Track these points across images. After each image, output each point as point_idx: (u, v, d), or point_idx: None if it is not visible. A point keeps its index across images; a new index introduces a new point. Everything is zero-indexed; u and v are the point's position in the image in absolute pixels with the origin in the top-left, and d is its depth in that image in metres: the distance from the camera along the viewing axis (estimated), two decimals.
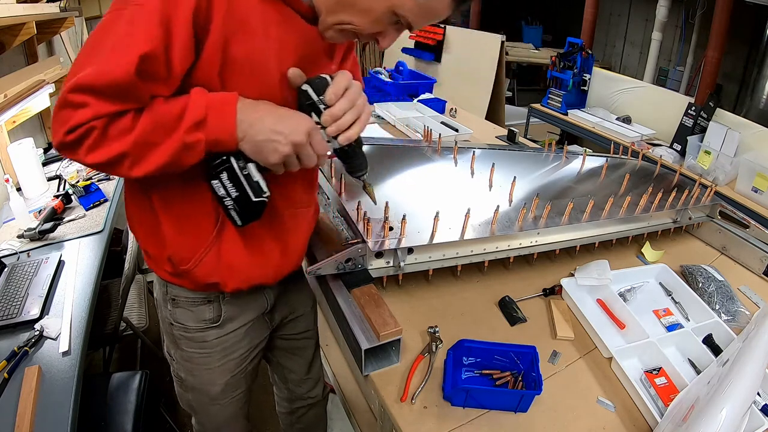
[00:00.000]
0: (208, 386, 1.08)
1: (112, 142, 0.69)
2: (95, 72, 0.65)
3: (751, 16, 3.72)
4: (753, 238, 1.34)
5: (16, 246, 1.70)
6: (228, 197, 0.76)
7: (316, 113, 0.76)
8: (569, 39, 3.34)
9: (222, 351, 1.04)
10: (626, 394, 0.93)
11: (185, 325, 0.99)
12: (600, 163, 1.65)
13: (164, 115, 0.70)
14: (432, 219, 1.07)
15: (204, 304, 0.97)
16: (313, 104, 0.76)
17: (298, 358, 1.31)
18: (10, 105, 1.89)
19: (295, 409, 1.43)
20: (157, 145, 0.70)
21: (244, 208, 0.77)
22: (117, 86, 0.66)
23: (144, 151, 0.71)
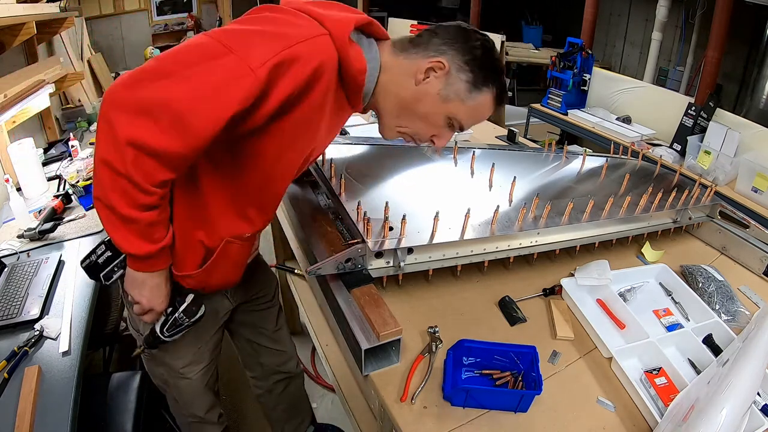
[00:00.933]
0: (175, 359, 1.18)
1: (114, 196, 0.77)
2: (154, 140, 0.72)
3: (751, 16, 3.72)
4: (753, 238, 1.33)
5: (16, 246, 1.70)
6: (95, 256, 0.96)
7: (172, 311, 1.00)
8: (569, 39, 3.34)
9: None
10: (626, 394, 0.93)
11: None
12: (600, 163, 1.65)
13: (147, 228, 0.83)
14: (432, 219, 1.07)
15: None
16: (173, 310, 1.00)
17: (263, 330, 1.42)
18: (10, 105, 1.89)
19: (273, 385, 1.51)
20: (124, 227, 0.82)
21: (91, 271, 0.96)
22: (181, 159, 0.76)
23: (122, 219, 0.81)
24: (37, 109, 2.34)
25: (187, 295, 0.99)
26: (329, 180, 1.26)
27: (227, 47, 0.71)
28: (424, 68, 0.85)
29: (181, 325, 1.00)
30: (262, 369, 1.48)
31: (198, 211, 0.91)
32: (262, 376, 1.50)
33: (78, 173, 2.23)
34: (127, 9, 5.08)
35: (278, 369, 1.49)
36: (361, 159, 1.52)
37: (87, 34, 4.21)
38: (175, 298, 0.99)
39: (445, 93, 0.86)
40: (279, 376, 1.50)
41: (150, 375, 1.26)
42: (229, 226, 0.94)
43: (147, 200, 0.77)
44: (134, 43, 5.16)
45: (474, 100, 0.88)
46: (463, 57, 0.86)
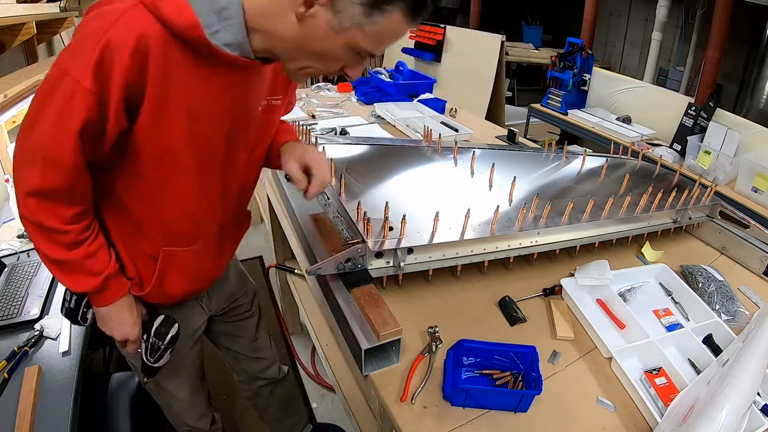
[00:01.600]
0: (162, 381, 1.17)
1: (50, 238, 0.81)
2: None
3: (751, 16, 3.72)
4: (753, 238, 1.33)
5: (16, 246, 1.70)
6: (68, 301, 0.96)
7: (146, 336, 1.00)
8: (569, 39, 3.34)
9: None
10: (626, 394, 0.93)
11: None
12: (600, 163, 1.65)
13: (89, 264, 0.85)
14: (432, 219, 1.07)
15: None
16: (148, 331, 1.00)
17: (241, 340, 1.40)
18: (10, 105, 1.89)
19: (258, 389, 1.51)
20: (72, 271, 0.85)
21: (69, 316, 0.96)
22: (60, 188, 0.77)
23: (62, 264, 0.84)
24: None
25: (156, 318, 0.99)
26: (329, 180, 1.26)
27: (63, 70, 0.69)
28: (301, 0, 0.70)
29: (160, 349, 0.99)
30: (246, 374, 1.48)
31: (131, 225, 0.91)
32: (247, 380, 1.50)
33: None
34: None
35: (260, 375, 1.48)
36: (361, 159, 1.52)
37: None
38: (148, 323, 0.99)
39: (337, 22, 0.70)
40: (262, 381, 1.50)
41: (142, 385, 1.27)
42: (164, 234, 0.93)
43: (67, 239, 0.80)
44: None
45: (376, 24, 0.71)
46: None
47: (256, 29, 0.75)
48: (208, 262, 1.06)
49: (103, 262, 0.87)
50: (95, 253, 0.85)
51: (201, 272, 1.06)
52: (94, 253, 0.85)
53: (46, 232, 0.79)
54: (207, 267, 1.07)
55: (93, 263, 0.85)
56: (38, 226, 0.78)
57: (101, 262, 0.87)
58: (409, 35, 3.98)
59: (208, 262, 1.06)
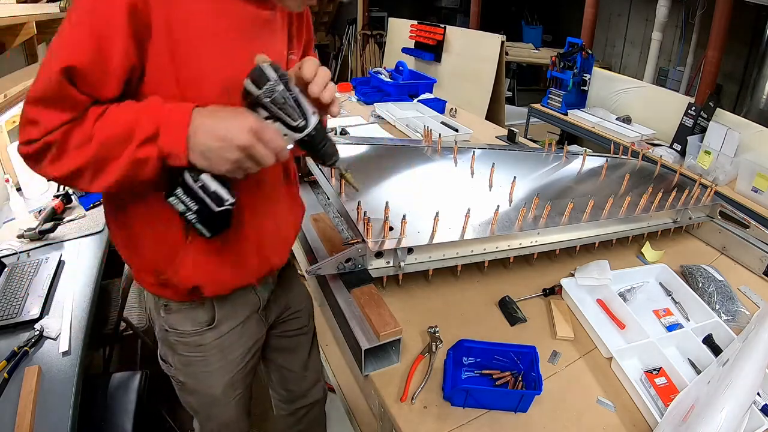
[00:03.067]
0: (208, 389, 1.08)
1: (71, 155, 0.70)
2: (38, 84, 0.69)
3: (751, 16, 3.72)
4: (753, 238, 1.33)
5: (16, 246, 1.70)
6: (189, 211, 0.73)
7: (263, 108, 0.71)
8: (569, 39, 3.34)
9: (219, 352, 1.03)
10: (626, 394, 0.93)
11: (180, 330, 0.98)
12: (600, 163, 1.65)
13: (117, 128, 0.70)
14: (432, 219, 1.07)
15: (196, 307, 0.97)
16: (255, 100, 0.70)
17: (295, 356, 1.30)
18: (10, 105, 1.89)
19: (296, 410, 1.42)
20: (112, 159, 0.70)
21: (207, 219, 0.74)
22: (47, 98, 0.68)
23: (101, 165, 0.71)
24: None
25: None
26: (329, 180, 1.26)
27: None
28: None
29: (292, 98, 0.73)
30: (288, 394, 1.39)
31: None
32: (288, 399, 1.40)
33: None
34: None
35: (305, 394, 1.40)
36: (361, 159, 1.52)
37: None
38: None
39: None
40: (305, 401, 1.40)
41: (180, 399, 1.16)
42: None
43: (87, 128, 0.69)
44: None
45: None
46: None
47: None
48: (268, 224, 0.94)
49: (129, 110, 0.70)
50: (117, 112, 0.70)
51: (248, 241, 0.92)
52: (116, 112, 0.70)
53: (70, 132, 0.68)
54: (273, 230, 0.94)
55: (124, 115, 0.70)
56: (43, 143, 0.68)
57: (128, 111, 0.70)
58: (410, 35, 3.98)
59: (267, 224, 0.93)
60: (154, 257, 0.87)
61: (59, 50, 0.68)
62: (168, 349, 1.03)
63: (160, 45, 0.72)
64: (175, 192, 0.72)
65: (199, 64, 0.76)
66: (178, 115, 0.70)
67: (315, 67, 0.76)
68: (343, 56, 6.25)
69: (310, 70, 0.75)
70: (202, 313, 0.97)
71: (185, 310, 0.97)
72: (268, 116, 0.71)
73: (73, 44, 0.68)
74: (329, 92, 0.77)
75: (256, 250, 0.94)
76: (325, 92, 0.77)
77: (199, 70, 0.76)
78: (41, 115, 0.69)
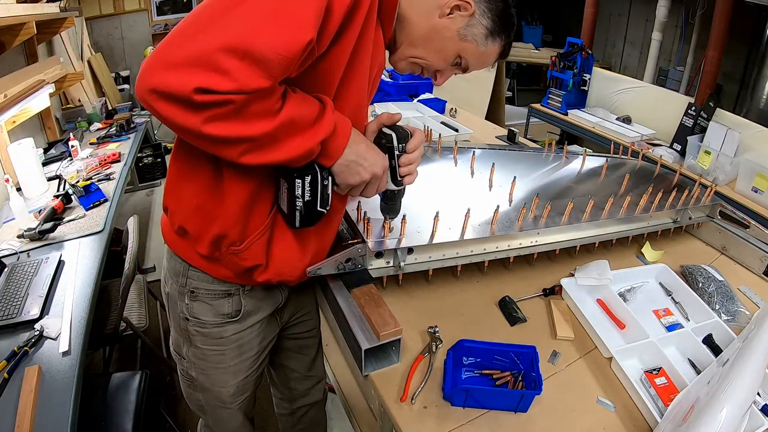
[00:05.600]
0: (220, 387, 1.08)
1: (246, 122, 0.66)
2: (259, 40, 0.62)
3: (751, 16, 3.72)
4: (753, 238, 1.33)
5: (16, 246, 1.70)
6: (300, 199, 0.81)
7: (390, 156, 0.89)
8: (569, 39, 3.34)
9: (237, 348, 1.04)
10: (626, 394, 0.93)
11: (202, 320, 0.99)
12: (600, 163, 1.65)
13: (303, 117, 0.72)
14: (432, 219, 1.07)
15: (224, 297, 0.97)
16: (392, 149, 0.89)
17: (302, 357, 1.32)
18: (10, 105, 1.89)
19: (296, 409, 1.43)
20: (286, 142, 0.72)
21: (308, 212, 0.83)
22: (287, 63, 0.64)
23: (271, 143, 0.71)
24: (37, 109, 2.35)
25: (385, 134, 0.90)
26: None
27: None
28: (451, 4, 0.85)
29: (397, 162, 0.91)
30: (291, 392, 1.40)
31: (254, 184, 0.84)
32: (290, 398, 1.42)
33: (78, 173, 2.23)
34: (127, 9, 5.08)
35: (306, 394, 1.41)
36: None
37: (87, 34, 4.22)
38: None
39: (464, 33, 0.87)
40: (305, 400, 1.42)
41: (185, 397, 1.17)
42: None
43: (276, 99, 0.68)
44: (134, 43, 5.16)
45: (486, 47, 0.91)
46: (487, 4, 0.87)
47: (405, 15, 0.86)
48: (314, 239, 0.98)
49: (313, 102, 0.74)
50: (303, 100, 0.73)
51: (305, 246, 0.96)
52: (302, 99, 0.73)
53: (257, 99, 0.65)
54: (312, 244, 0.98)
55: (309, 107, 0.73)
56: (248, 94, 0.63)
57: (312, 103, 0.74)
58: None
59: (313, 239, 0.97)
60: (234, 224, 0.86)
61: (296, 19, 0.64)
62: (184, 340, 1.03)
63: (346, 48, 0.76)
64: (305, 178, 0.79)
65: (351, 83, 0.83)
66: (345, 126, 0.80)
67: (419, 143, 0.93)
68: None
69: (414, 145, 0.92)
70: (228, 305, 0.98)
71: (212, 299, 0.97)
72: (391, 158, 0.89)
73: (311, 19, 0.65)
74: (414, 173, 0.96)
75: (316, 248, 0.99)
76: (412, 171, 0.95)
77: (349, 87, 0.83)
78: (243, 71, 0.61)
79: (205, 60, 0.61)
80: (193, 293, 0.97)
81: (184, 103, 0.62)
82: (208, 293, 0.96)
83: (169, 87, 0.61)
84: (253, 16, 0.63)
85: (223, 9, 0.63)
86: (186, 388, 1.13)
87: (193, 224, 0.89)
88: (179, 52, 0.62)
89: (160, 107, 0.63)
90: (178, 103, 0.63)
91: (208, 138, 0.67)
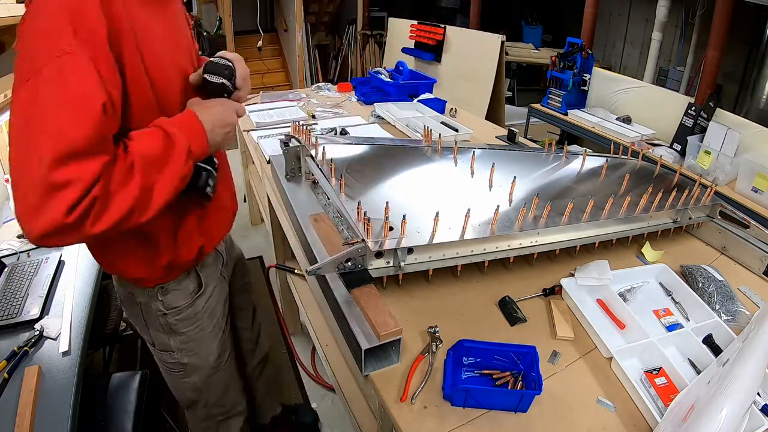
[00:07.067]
0: (206, 357, 1.21)
1: (118, 198, 0.70)
2: (67, 137, 0.64)
3: (751, 16, 3.72)
4: (753, 238, 1.33)
5: (16, 246, 1.71)
6: (208, 186, 0.93)
7: (228, 93, 0.95)
8: (569, 39, 3.34)
9: (209, 316, 1.19)
10: (626, 394, 0.93)
11: (178, 307, 1.11)
12: (600, 163, 1.64)
13: (153, 150, 0.74)
14: (432, 219, 1.07)
15: (186, 278, 1.11)
16: (221, 87, 0.92)
17: (245, 313, 1.49)
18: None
19: (253, 370, 1.60)
20: (157, 183, 0.74)
21: (214, 185, 0.95)
22: (96, 139, 0.67)
23: (148, 195, 0.74)
24: None
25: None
26: (329, 180, 1.26)
27: (31, 76, 0.66)
28: None
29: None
30: (243, 351, 1.55)
31: None
32: (245, 359, 1.56)
33: None
34: None
35: (256, 346, 1.59)
36: (361, 159, 1.52)
37: None
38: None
39: None
40: (258, 354, 1.61)
41: (177, 392, 1.28)
42: None
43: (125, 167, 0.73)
44: None
45: None
46: None
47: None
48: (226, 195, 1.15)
49: (153, 134, 0.77)
50: (142, 139, 0.76)
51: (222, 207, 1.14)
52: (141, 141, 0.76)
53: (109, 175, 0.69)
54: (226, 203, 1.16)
55: (151, 141, 0.76)
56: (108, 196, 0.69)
57: (153, 135, 0.77)
58: (410, 35, 3.98)
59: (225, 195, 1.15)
60: (170, 247, 1.01)
61: (82, 89, 0.66)
62: (168, 333, 1.14)
63: (132, 55, 0.77)
64: (200, 177, 0.90)
65: (162, 61, 0.84)
66: (192, 123, 0.82)
67: (244, 73, 0.99)
68: (343, 56, 6.25)
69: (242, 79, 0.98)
70: (191, 282, 1.12)
71: (178, 284, 1.10)
72: (228, 95, 0.94)
73: (90, 80, 0.68)
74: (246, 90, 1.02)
75: (230, 196, 1.20)
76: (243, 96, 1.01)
77: (163, 69, 0.84)
78: (77, 171, 0.65)
79: (47, 188, 0.63)
80: (163, 288, 1.08)
81: (68, 228, 0.66)
82: (174, 282, 1.09)
83: (45, 229, 0.65)
84: (41, 124, 0.65)
85: (16, 136, 0.66)
86: (180, 381, 1.23)
87: (142, 269, 1.02)
88: (28, 198, 0.64)
89: (55, 243, 0.68)
90: (64, 232, 0.66)
91: (101, 234, 0.70)
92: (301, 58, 5.47)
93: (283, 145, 1.49)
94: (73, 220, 0.65)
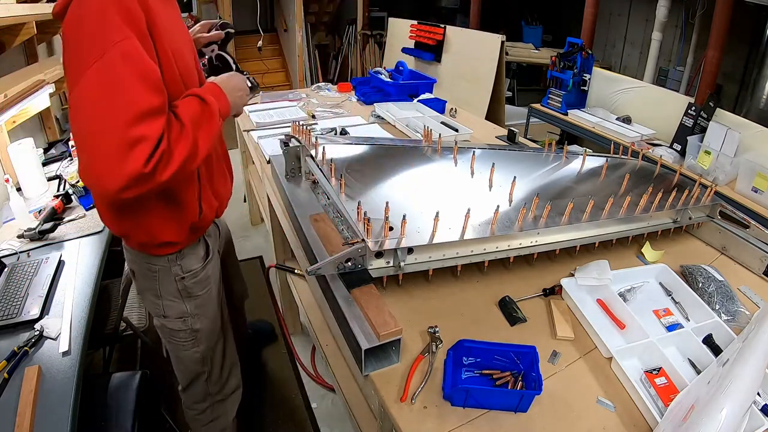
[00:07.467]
0: (214, 320, 1.34)
1: (178, 149, 0.87)
2: (138, 102, 0.80)
3: (751, 16, 3.72)
4: (753, 238, 1.33)
5: (16, 246, 1.70)
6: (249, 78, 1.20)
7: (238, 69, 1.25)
8: (569, 39, 3.34)
9: (215, 282, 1.32)
10: (626, 394, 0.93)
11: (193, 270, 1.24)
12: (600, 163, 1.64)
13: (195, 112, 0.94)
14: (432, 219, 1.07)
15: (197, 243, 1.25)
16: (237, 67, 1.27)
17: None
18: (10, 105, 1.89)
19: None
20: (200, 137, 0.92)
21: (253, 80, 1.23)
22: (158, 103, 0.84)
23: (195, 146, 0.91)
24: (37, 109, 2.34)
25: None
26: (329, 180, 1.26)
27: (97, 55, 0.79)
28: None
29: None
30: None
31: None
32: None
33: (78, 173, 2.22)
34: None
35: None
36: (361, 159, 1.52)
37: None
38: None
39: None
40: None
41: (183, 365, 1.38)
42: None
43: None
44: None
45: None
46: None
47: None
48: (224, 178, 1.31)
49: (191, 100, 0.96)
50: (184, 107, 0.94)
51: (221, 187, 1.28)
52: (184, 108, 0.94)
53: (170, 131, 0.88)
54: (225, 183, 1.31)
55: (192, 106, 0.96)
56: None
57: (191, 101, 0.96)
58: (410, 35, 3.98)
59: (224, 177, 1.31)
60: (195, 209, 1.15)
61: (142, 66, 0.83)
62: (185, 298, 1.25)
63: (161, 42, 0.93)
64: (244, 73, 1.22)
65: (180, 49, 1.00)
66: (217, 91, 1.03)
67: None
68: (343, 56, 6.25)
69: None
70: (202, 248, 1.27)
71: (192, 249, 1.23)
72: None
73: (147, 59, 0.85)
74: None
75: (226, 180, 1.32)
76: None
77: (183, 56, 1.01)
78: (148, 129, 0.81)
79: (128, 144, 0.79)
80: (181, 253, 1.21)
81: (146, 177, 0.82)
82: (189, 247, 1.22)
83: (128, 180, 0.80)
84: (115, 94, 0.80)
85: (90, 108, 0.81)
86: (187, 353, 1.33)
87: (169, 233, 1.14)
88: (111, 155, 0.79)
89: (133, 193, 0.83)
90: (143, 180, 0.82)
91: (169, 180, 0.87)
92: (301, 58, 5.47)
93: (283, 145, 1.49)
94: (150, 169, 0.81)
